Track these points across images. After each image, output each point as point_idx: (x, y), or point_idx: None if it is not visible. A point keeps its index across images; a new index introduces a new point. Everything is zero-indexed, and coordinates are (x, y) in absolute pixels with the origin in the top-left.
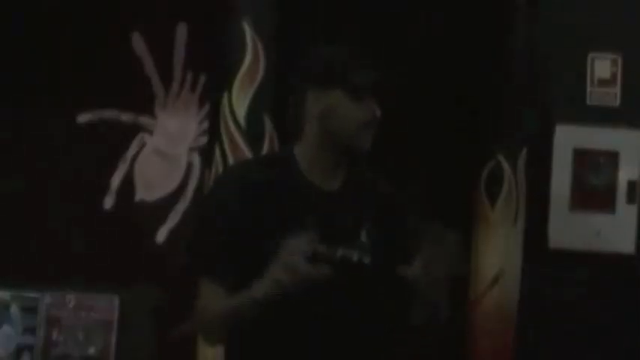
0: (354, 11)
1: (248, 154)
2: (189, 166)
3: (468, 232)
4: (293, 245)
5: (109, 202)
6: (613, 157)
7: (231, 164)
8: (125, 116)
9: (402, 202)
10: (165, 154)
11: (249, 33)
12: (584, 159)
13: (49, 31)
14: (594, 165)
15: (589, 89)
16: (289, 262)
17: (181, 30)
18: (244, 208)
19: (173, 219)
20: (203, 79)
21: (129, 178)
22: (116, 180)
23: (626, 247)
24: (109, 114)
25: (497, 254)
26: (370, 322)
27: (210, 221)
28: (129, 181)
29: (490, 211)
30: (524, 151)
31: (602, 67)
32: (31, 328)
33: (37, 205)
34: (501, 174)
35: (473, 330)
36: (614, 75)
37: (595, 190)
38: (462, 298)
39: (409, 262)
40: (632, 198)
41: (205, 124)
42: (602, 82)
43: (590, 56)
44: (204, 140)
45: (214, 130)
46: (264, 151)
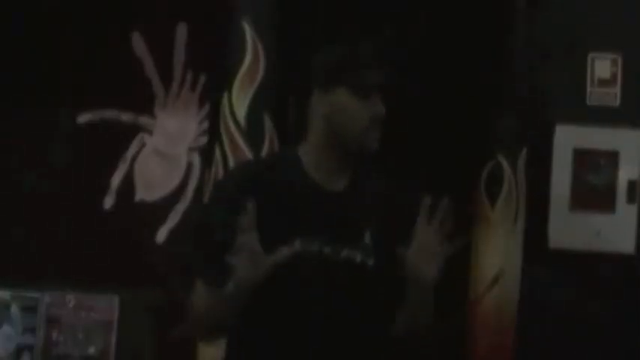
0: (354, 11)
1: (248, 154)
2: (189, 166)
3: (467, 232)
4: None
5: (109, 202)
6: (613, 157)
7: (235, 165)
8: (125, 116)
9: (406, 204)
10: (166, 154)
11: (249, 33)
12: (584, 159)
13: (49, 31)
14: (594, 165)
15: (589, 89)
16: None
17: (181, 30)
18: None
19: (173, 219)
20: (203, 79)
21: (129, 178)
22: (116, 180)
23: (626, 247)
24: (109, 114)
25: (498, 254)
26: (371, 322)
27: (211, 223)
28: (129, 181)
29: (490, 211)
30: (524, 151)
31: (602, 67)
32: (31, 328)
33: (37, 205)
34: (501, 174)
35: (473, 330)
36: (614, 75)
37: (595, 190)
38: (462, 298)
39: (405, 243)
40: (632, 198)
41: (205, 124)
42: (602, 82)
43: (590, 56)
44: (204, 140)
45: (214, 130)
46: (264, 151)
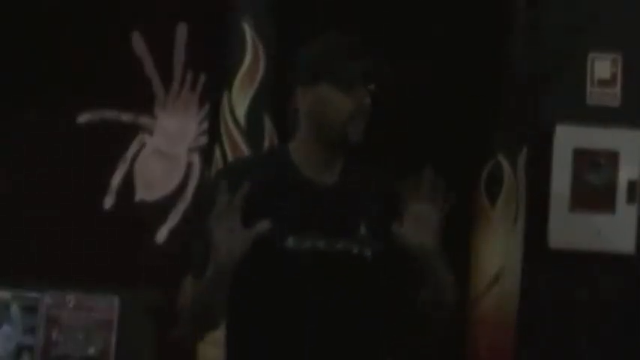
0: (353, 11)
1: (248, 154)
2: (189, 166)
3: (467, 232)
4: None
5: (109, 202)
6: (613, 157)
7: (226, 164)
8: (125, 116)
9: (401, 191)
10: (166, 154)
11: (249, 33)
12: (584, 159)
13: (49, 31)
14: (594, 165)
15: (589, 89)
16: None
17: (181, 30)
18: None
19: (173, 219)
20: (203, 79)
21: (129, 178)
22: (116, 180)
23: (626, 247)
24: (109, 114)
25: (497, 254)
26: (370, 315)
27: (203, 221)
28: (129, 181)
29: (490, 211)
30: (524, 151)
31: (603, 67)
32: (31, 328)
33: (37, 205)
34: (501, 174)
35: (473, 330)
36: (614, 75)
37: (595, 190)
38: (462, 298)
39: (399, 221)
40: (632, 198)
41: (205, 124)
42: (603, 82)
43: (590, 56)
44: (204, 140)
45: (214, 130)
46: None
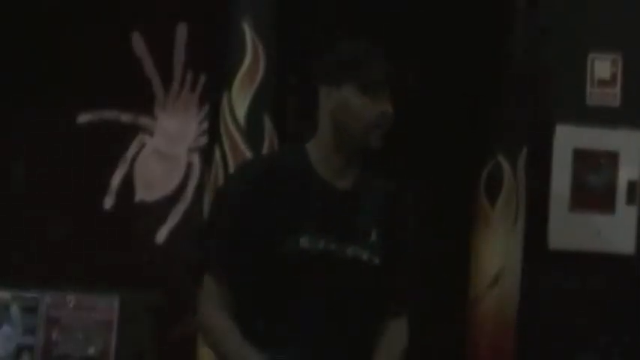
0: (353, 12)
1: (248, 154)
2: (189, 166)
3: (467, 232)
4: None
5: (109, 202)
6: (613, 158)
7: (244, 161)
8: (125, 116)
9: (408, 204)
10: (166, 154)
11: (249, 33)
12: (584, 159)
13: (49, 31)
14: (594, 165)
15: (589, 89)
16: None
17: (181, 30)
18: (257, 205)
19: (173, 219)
20: (203, 79)
21: (129, 178)
22: (116, 180)
23: (626, 247)
24: (109, 114)
25: (497, 254)
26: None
27: (221, 219)
28: (129, 181)
29: (490, 211)
30: (524, 151)
31: (602, 67)
32: (31, 328)
33: (37, 205)
34: (501, 174)
35: (473, 330)
36: (614, 75)
37: (595, 191)
38: (462, 298)
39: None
40: (632, 198)
41: (205, 124)
42: (602, 83)
43: (590, 56)
44: (204, 140)
45: (214, 130)
46: (263, 151)
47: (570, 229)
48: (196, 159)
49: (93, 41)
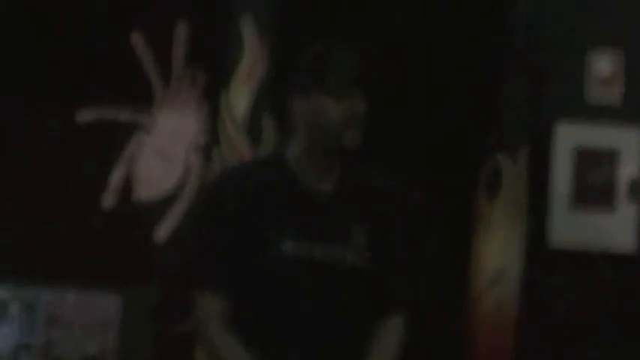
0: (353, 9)
1: (247, 153)
2: (188, 166)
3: (467, 232)
4: None
5: (108, 202)
6: (614, 156)
7: (223, 170)
8: (124, 115)
9: (398, 198)
10: (165, 153)
11: (249, 32)
12: (584, 158)
13: (49, 31)
14: (595, 164)
15: (590, 87)
16: None
17: (181, 28)
18: (238, 215)
19: (172, 218)
20: (202, 78)
21: (128, 177)
22: (115, 179)
23: (626, 247)
24: (108, 113)
25: (497, 254)
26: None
27: (205, 232)
28: (128, 181)
29: (490, 210)
30: (524, 151)
31: (603, 65)
32: (31, 326)
33: (36, 204)
34: (501, 174)
35: (473, 330)
36: (615, 73)
37: (595, 189)
38: (462, 297)
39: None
40: (632, 197)
41: (204, 123)
42: (603, 81)
43: (591, 54)
44: (203, 139)
45: (213, 130)
46: (263, 151)
47: (570, 228)
48: (195, 158)
49: (93, 41)
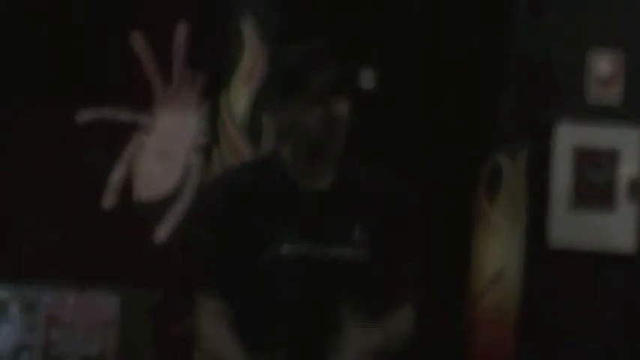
0: (353, 8)
1: (247, 153)
2: (188, 166)
3: (467, 232)
4: None
5: (108, 202)
6: (614, 156)
7: (218, 175)
8: (124, 115)
9: (398, 192)
10: (164, 153)
11: (249, 32)
12: (584, 158)
13: (49, 31)
14: (595, 164)
15: (590, 87)
16: None
17: (181, 29)
18: (233, 217)
19: (172, 219)
20: (202, 78)
21: (128, 177)
22: (115, 179)
23: (626, 246)
24: (107, 113)
25: (498, 254)
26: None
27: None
28: (128, 181)
29: (490, 211)
30: (524, 151)
31: (603, 65)
32: (31, 327)
33: (36, 205)
34: (501, 174)
35: (473, 329)
36: (615, 73)
37: (595, 189)
38: (463, 297)
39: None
40: (632, 197)
41: (204, 123)
42: (603, 81)
43: (591, 54)
44: (203, 139)
45: (213, 130)
46: (263, 151)
47: (570, 228)
48: (195, 158)
49: (93, 41)
